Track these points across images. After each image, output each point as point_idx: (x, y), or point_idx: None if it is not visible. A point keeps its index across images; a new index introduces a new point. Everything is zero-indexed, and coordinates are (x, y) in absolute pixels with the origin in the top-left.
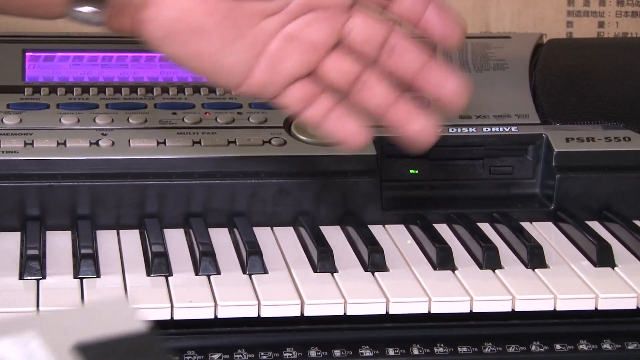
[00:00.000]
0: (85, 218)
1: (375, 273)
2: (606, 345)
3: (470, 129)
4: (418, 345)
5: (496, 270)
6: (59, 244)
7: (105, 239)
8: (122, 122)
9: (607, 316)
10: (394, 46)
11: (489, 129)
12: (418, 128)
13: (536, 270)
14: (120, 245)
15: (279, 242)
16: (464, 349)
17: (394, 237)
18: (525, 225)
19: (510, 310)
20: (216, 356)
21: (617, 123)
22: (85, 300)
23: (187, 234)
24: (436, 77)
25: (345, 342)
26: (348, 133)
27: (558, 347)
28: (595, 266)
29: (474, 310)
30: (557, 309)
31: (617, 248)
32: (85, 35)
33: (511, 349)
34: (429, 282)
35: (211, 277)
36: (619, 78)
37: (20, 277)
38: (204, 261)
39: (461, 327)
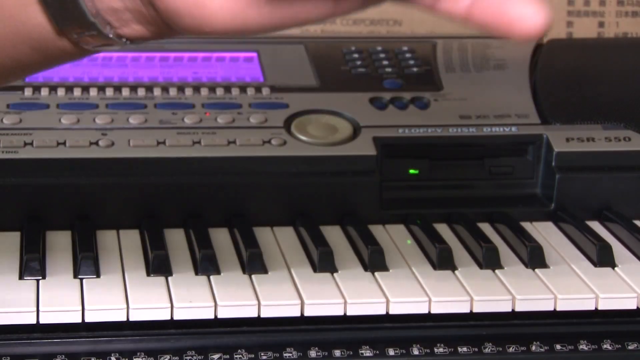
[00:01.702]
0: (85, 218)
1: (375, 273)
2: (606, 345)
3: (470, 129)
4: (418, 345)
5: (496, 270)
6: (59, 244)
7: (105, 239)
8: (122, 122)
9: (607, 316)
10: None
11: (489, 129)
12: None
13: (536, 270)
14: (120, 245)
15: (279, 242)
16: (464, 349)
17: (394, 237)
18: (525, 225)
19: (510, 310)
20: (216, 356)
21: (617, 123)
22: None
23: (187, 234)
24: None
25: (345, 342)
26: (515, 15)
27: (558, 347)
28: (595, 266)
29: (474, 310)
30: (557, 309)
31: (617, 248)
32: None
33: (511, 349)
34: (429, 282)
35: (211, 277)
36: (619, 78)
37: (20, 277)
38: (204, 261)
39: (461, 327)
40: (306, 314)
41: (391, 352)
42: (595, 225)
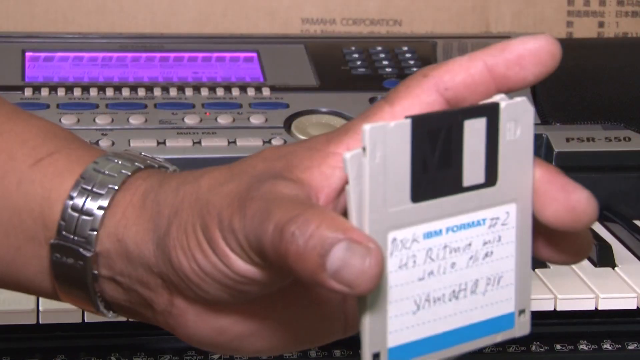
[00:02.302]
0: None
1: None
2: (606, 345)
3: None
4: None
5: None
6: None
7: None
8: (122, 122)
9: (607, 316)
10: None
11: None
12: (578, 198)
13: (536, 270)
14: None
15: None
16: None
17: None
18: None
19: None
20: (216, 356)
21: (617, 123)
22: None
23: None
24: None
25: (346, 342)
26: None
27: (558, 347)
28: (595, 266)
29: None
30: (557, 309)
31: (617, 248)
32: (85, 35)
33: (511, 349)
34: None
35: None
36: (619, 78)
37: None
38: None
39: None
40: None
41: None
42: (595, 225)
